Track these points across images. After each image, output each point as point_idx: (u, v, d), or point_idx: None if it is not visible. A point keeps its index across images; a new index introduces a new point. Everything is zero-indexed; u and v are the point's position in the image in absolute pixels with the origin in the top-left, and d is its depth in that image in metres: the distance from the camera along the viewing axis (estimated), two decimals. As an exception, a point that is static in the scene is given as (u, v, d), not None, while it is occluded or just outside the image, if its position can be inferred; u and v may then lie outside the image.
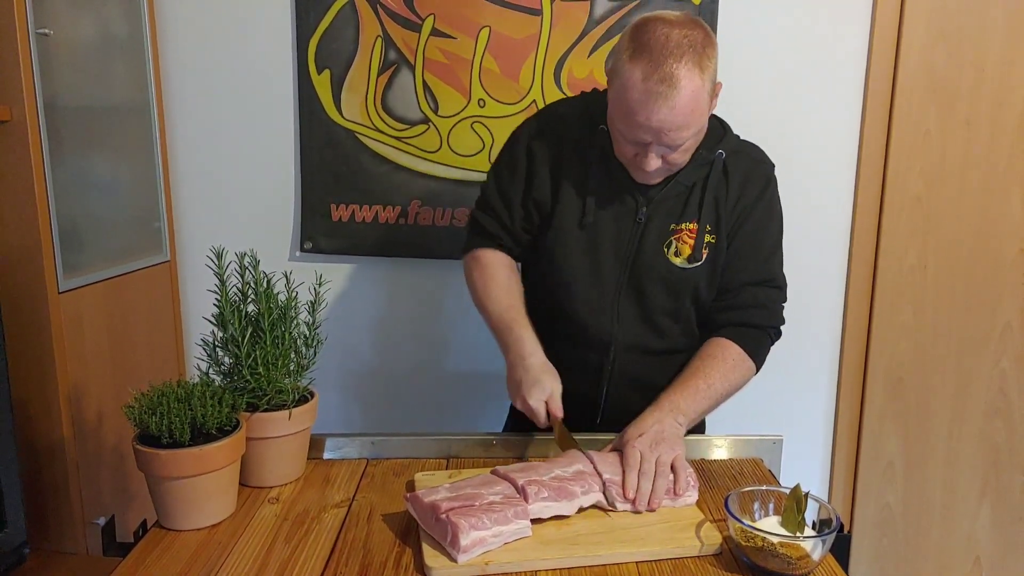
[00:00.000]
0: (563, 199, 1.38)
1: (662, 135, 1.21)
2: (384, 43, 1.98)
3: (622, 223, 1.37)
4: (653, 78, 1.16)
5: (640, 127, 1.21)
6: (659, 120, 1.18)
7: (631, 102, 1.19)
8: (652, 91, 1.17)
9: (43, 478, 1.60)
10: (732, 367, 1.35)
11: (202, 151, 2.10)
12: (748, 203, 1.38)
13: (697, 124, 1.22)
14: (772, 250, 1.42)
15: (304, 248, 2.09)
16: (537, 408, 1.27)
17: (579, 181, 1.38)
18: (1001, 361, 2.14)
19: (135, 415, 1.14)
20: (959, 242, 2.08)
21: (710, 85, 1.21)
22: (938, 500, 2.22)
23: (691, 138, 1.24)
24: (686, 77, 1.16)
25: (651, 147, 1.24)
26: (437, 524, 1.05)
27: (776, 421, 2.15)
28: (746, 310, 1.39)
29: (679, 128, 1.20)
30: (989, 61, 1.99)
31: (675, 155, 1.26)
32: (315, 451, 1.37)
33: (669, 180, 1.35)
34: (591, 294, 1.39)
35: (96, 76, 1.76)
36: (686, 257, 1.37)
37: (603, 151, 1.36)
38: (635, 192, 1.36)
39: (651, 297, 1.39)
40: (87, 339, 1.67)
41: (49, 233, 1.55)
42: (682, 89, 1.16)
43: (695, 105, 1.19)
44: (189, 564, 1.06)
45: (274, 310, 1.25)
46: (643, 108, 1.18)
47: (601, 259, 1.38)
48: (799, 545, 0.99)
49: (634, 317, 1.40)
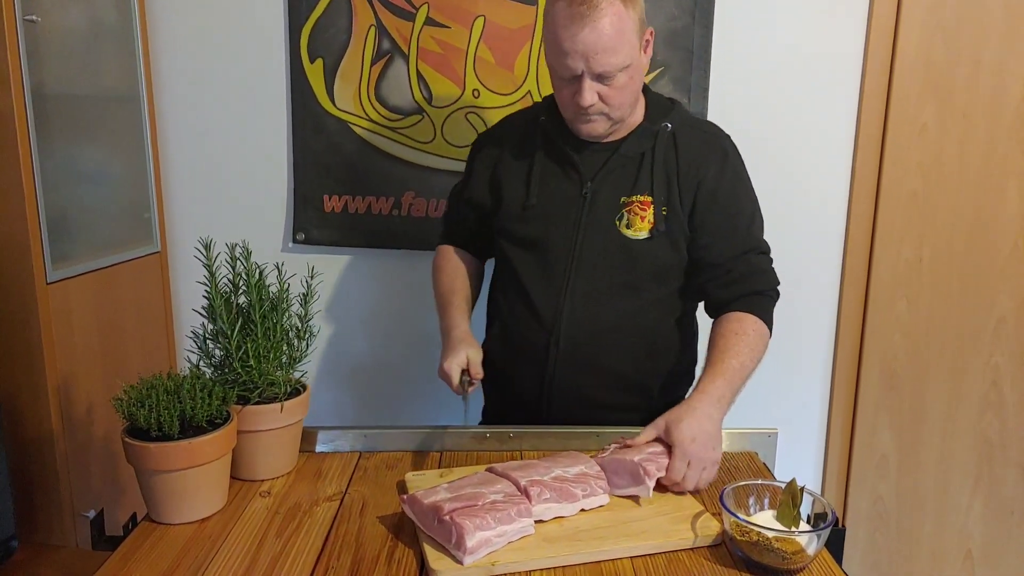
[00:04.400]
0: (507, 191, 1.46)
1: (590, 59, 1.26)
2: (378, 32, 1.96)
3: (568, 200, 1.42)
4: (574, 3, 1.24)
5: (568, 54, 1.26)
6: (584, 41, 1.24)
7: (557, 29, 1.26)
8: (574, 14, 1.24)
9: (32, 471, 1.59)
10: (755, 339, 1.36)
11: (193, 141, 2.08)
12: (711, 177, 1.40)
13: (624, 53, 1.27)
14: (751, 217, 1.45)
15: (296, 239, 2.08)
16: (449, 370, 1.33)
17: (523, 171, 1.46)
18: (995, 355, 2.14)
19: (124, 408, 1.13)
20: (955, 236, 2.08)
21: (635, 17, 1.28)
22: (931, 494, 2.23)
23: (622, 71, 1.28)
24: (606, 1, 1.24)
25: (583, 79, 1.28)
26: (439, 526, 1.03)
27: (770, 415, 2.14)
28: (747, 280, 1.40)
29: (605, 51, 1.25)
30: (986, 55, 1.98)
31: (609, 91, 1.30)
32: (307, 444, 1.36)
33: (613, 154, 1.40)
34: (540, 270, 1.43)
35: (85, 64, 1.74)
36: (639, 229, 1.39)
37: (546, 138, 1.45)
38: (579, 168, 1.41)
39: (604, 271, 1.40)
40: (76, 331, 1.66)
41: (37, 223, 1.54)
42: (603, 10, 1.23)
43: (619, 27, 1.25)
44: (179, 558, 1.05)
45: (265, 302, 1.24)
46: (567, 32, 1.25)
47: (548, 237, 1.42)
48: (794, 540, 0.99)
49: (585, 292, 1.41)
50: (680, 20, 1.92)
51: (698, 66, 1.94)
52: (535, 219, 1.43)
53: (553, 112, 1.44)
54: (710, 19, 1.92)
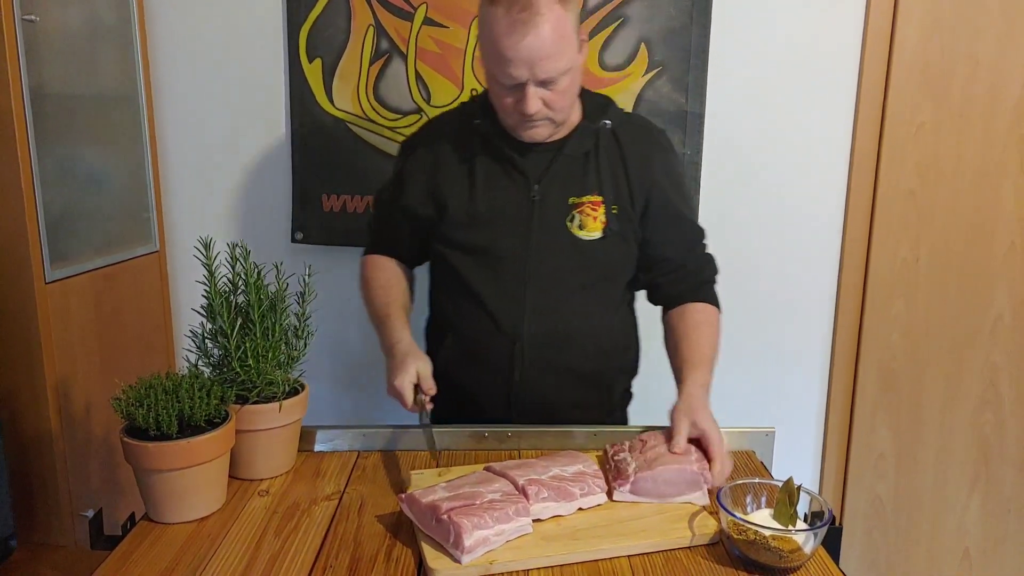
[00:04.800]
0: (450, 198, 1.41)
1: (534, 67, 1.23)
2: (376, 32, 1.96)
3: (516, 204, 1.39)
4: (514, 9, 1.20)
5: (511, 62, 1.23)
6: (527, 48, 1.21)
7: (498, 38, 1.23)
8: (515, 21, 1.20)
9: (30, 470, 1.59)
10: (717, 328, 1.43)
11: (192, 140, 2.08)
12: (654, 175, 1.41)
13: (566, 56, 1.25)
14: (690, 208, 1.50)
15: (295, 238, 2.08)
16: (401, 388, 1.27)
17: (463, 177, 1.41)
18: (992, 354, 2.14)
19: (122, 407, 1.13)
20: (952, 235, 2.08)
21: (573, 18, 1.26)
22: (928, 492, 2.23)
23: (565, 75, 1.26)
24: (546, 5, 1.20)
25: (528, 86, 1.26)
26: (438, 525, 1.04)
27: (768, 413, 2.15)
28: (700, 271, 1.46)
29: (549, 56, 1.22)
30: (983, 54, 1.98)
31: (553, 96, 1.28)
32: (305, 443, 1.36)
33: (557, 154, 1.38)
34: (494, 280, 1.41)
35: (84, 64, 1.74)
36: (591, 229, 1.38)
37: (484, 142, 1.40)
38: (524, 171, 1.39)
39: (559, 274, 1.40)
40: (75, 330, 1.66)
41: (36, 223, 1.54)
42: (543, 15, 1.20)
43: (561, 33, 1.22)
44: (178, 557, 1.05)
45: (264, 301, 1.24)
46: (510, 40, 1.21)
47: (500, 243, 1.39)
48: (791, 538, 0.99)
49: (542, 296, 1.40)
50: (678, 20, 1.92)
51: (696, 66, 1.94)
52: (483, 226, 1.40)
53: (490, 115, 1.39)
54: (708, 19, 1.93)
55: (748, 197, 2.05)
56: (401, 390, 1.27)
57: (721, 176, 2.03)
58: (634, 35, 1.93)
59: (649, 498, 1.15)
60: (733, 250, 2.07)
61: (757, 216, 2.06)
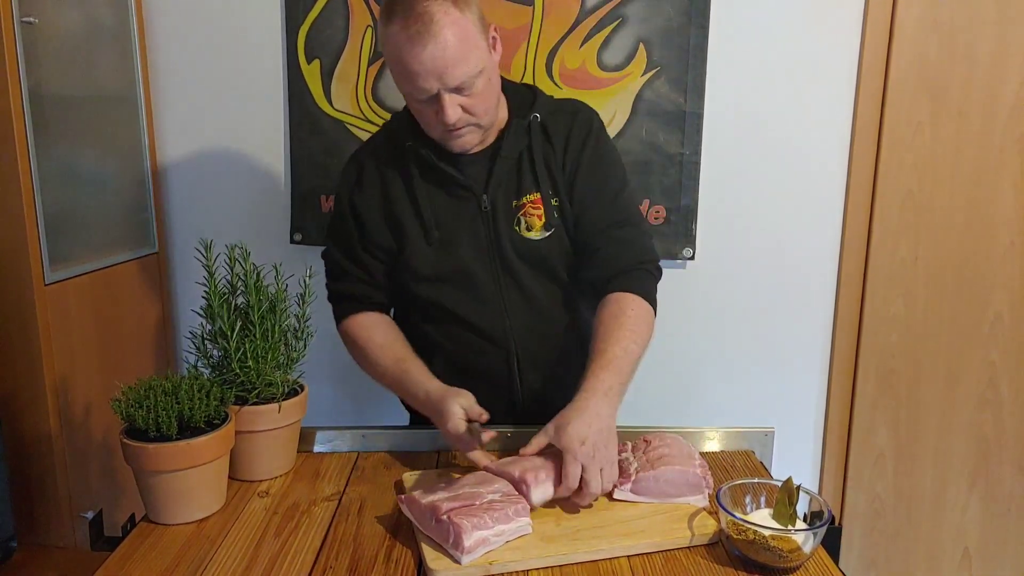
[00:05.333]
0: (405, 228, 1.38)
1: (443, 76, 1.20)
2: (375, 33, 1.96)
3: (470, 220, 1.37)
4: (410, 23, 1.18)
5: (419, 75, 1.21)
6: (431, 58, 1.19)
7: (401, 55, 1.20)
8: (413, 34, 1.18)
9: (30, 472, 1.59)
10: (635, 321, 1.29)
11: (191, 141, 2.08)
12: (575, 155, 1.37)
13: (474, 59, 1.22)
14: (617, 190, 1.39)
15: (294, 240, 2.08)
16: (456, 429, 1.20)
17: (411, 203, 1.37)
18: (991, 353, 2.14)
19: (122, 408, 1.13)
20: (950, 234, 2.09)
21: (474, 19, 1.22)
22: (928, 492, 2.23)
23: (477, 77, 1.23)
24: (440, 11, 1.18)
25: (442, 96, 1.23)
26: (437, 525, 1.04)
27: (767, 413, 2.15)
28: (615, 258, 1.35)
29: (455, 63, 1.20)
30: (981, 53, 1.98)
31: (471, 101, 1.25)
32: (305, 444, 1.36)
33: (495, 159, 1.35)
34: (472, 299, 1.39)
35: (82, 65, 1.74)
36: (538, 229, 1.37)
37: (420, 164, 1.37)
38: (470, 185, 1.36)
39: (527, 279, 1.39)
40: (74, 332, 1.66)
41: (35, 224, 1.54)
42: (439, 22, 1.18)
43: (462, 36, 1.20)
44: (178, 558, 1.05)
45: (264, 302, 1.24)
46: (411, 53, 1.19)
47: (465, 263, 1.37)
48: (791, 538, 0.99)
49: (522, 304, 1.40)
50: (676, 20, 1.92)
51: (694, 66, 1.94)
52: (445, 250, 1.37)
53: (418, 134, 1.36)
54: (706, 19, 1.93)
55: (747, 197, 2.06)
56: (456, 431, 1.20)
57: (720, 176, 2.03)
58: (632, 35, 1.93)
59: (650, 498, 1.16)
60: (732, 249, 2.08)
61: (756, 215, 2.07)
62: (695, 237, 2.03)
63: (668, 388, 2.13)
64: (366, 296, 1.43)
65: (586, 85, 1.96)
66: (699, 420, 1.64)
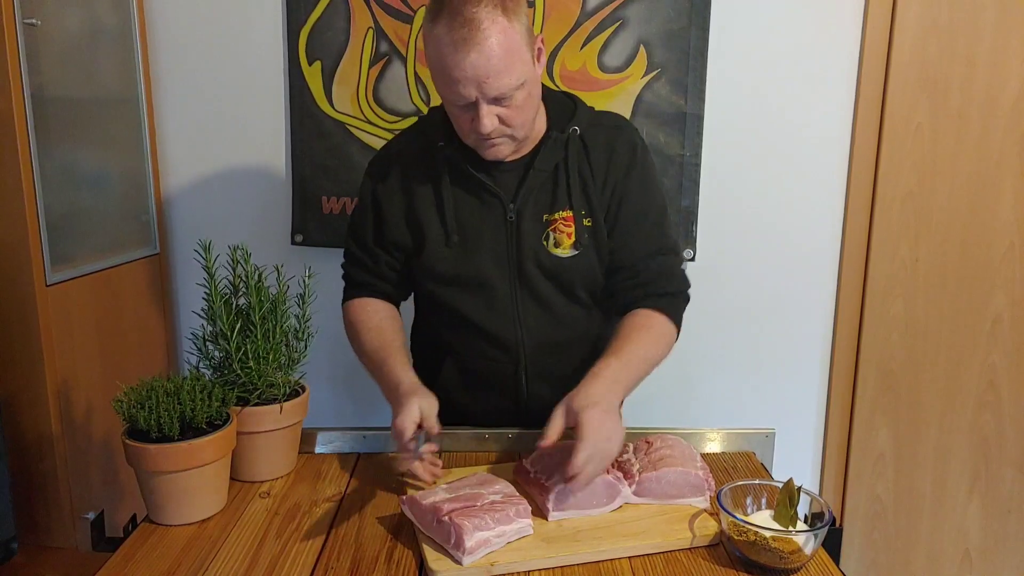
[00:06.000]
0: (425, 228, 1.36)
1: (483, 85, 1.17)
2: (376, 34, 1.96)
3: (493, 228, 1.34)
4: (455, 26, 1.14)
5: (459, 82, 1.17)
6: (473, 66, 1.15)
7: (443, 59, 1.17)
8: (458, 39, 1.14)
9: (32, 473, 1.59)
10: (659, 336, 1.31)
11: (192, 143, 2.08)
12: (619, 178, 1.34)
13: (517, 71, 1.18)
14: (659, 216, 1.38)
15: (295, 241, 2.08)
16: (403, 427, 1.15)
17: (435, 204, 1.35)
18: (991, 355, 2.15)
19: (124, 409, 1.13)
20: (950, 236, 2.09)
21: (522, 29, 1.18)
22: (928, 493, 2.23)
23: (518, 89, 1.20)
24: (488, 19, 1.14)
25: (480, 105, 1.19)
26: (439, 526, 1.04)
27: (768, 414, 2.15)
28: (654, 283, 1.35)
29: (497, 73, 1.16)
30: (981, 54, 1.99)
31: (509, 112, 1.22)
32: (306, 445, 1.37)
33: (528, 170, 1.32)
34: (486, 307, 1.37)
35: (84, 67, 1.74)
36: (567, 247, 1.34)
37: (450, 166, 1.34)
38: (498, 193, 1.33)
39: (546, 293, 1.37)
40: (75, 333, 1.66)
41: (36, 226, 1.54)
42: (486, 30, 1.14)
43: (508, 47, 1.16)
44: (179, 559, 1.05)
45: (265, 303, 1.24)
46: (454, 59, 1.15)
47: (483, 270, 1.35)
48: (792, 539, 0.99)
49: (536, 316, 1.38)
50: (677, 22, 1.92)
51: (694, 67, 1.95)
52: (464, 255, 1.35)
53: (452, 136, 1.33)
54: (706, 21, 1.93)
55: (747, 199, 2.06)
56: (403, 429, 1.15)
57: (720, 178, 2.03)
58: (633, 37, 1.93)
59: (651, 499, 1.16)
60: (733, 251, 2.09)
61: (756, 217, 2.07)
62: (696, 238, 2.04)
63: (669, 389, 2.13)
64: (372, 284, 1.43)
65: (587, 87, 1.96)
66: (700, 421, 1.65)
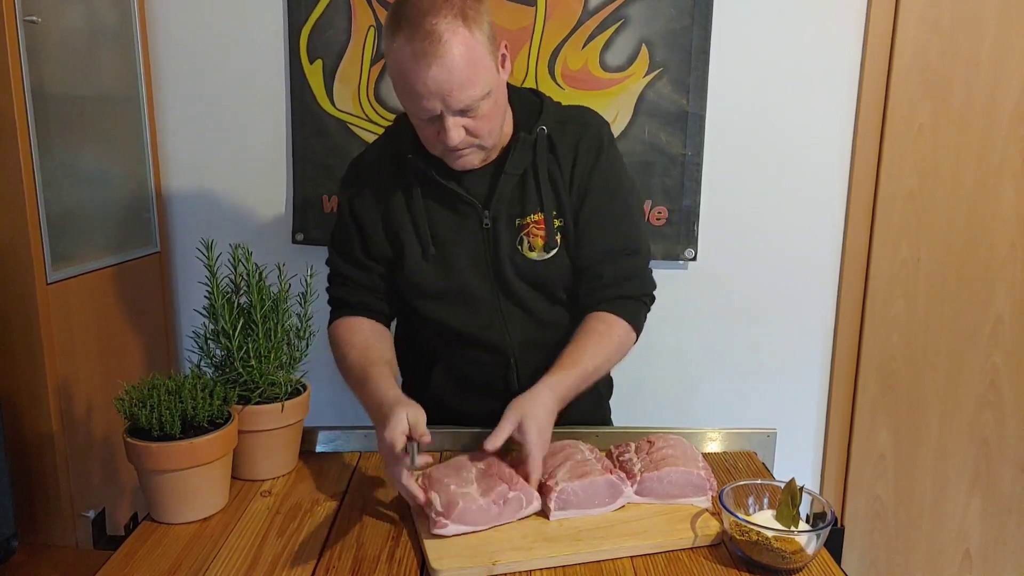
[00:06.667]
0: (404, 240, 1.34)
1: (447, 98, 1.14)
2: (377, 33, 1.96)
3: (470, 236, 1.33)
4: (416, 40, 1.11)
5: (422, 96, 1.15)
6: (435, 79, 1.12)
7: (406, 73, 1.14)
8: (419, 53, 1.11)
9: (32, 471, 1.59)
10: (617, 345, 1.31)
11: (193, 141, 2.08)
12: (584, 176, 1.32)
13: (481, 81, 1.16)
14: (623, 215, 1.35)
15: (296, 239, 2.08)
16: (392, 439, 1.09)
17: (410, 217, 1.34)
18: (992, 355, 2.14)
19: (125, 407, 1.13)
20: (952, 236, 2.09)
21: (483, 38, 1.15)
22: (929, 493, 2.23)
23: (484, 100, 1.18)
24: (448, 30, 1.11)
25: (445, 118, 1.17)
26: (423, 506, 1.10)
27: (769, 414, 2.15)
28: (617, 285, 1.34)
29: (461, 86, 1.14)
30: (983, 55, 1.98)
31: (476, 123, 1.20)
32: (307, 444, 1.36)
33: (499, 175, 1.31)
34: (471, 315, 1.36)
35: (85, 65, 1.74)
36: (540, 249, 1.33)
37: (421, 177, 1.32)
38: (472, 201, 1.31)
39: (526, 297, 1.36)
40: (76, 331, 1.66)
41: (37, 224, 1.54)
42: (447, 42, 1.11)
43: (470, 58, 1.13)
44: (180, 558, 1.05)
45: (266, 302, 1.24)
46: (416, 73, 1.13)
47: (464, 281, 1.34)
48: (794, 539, 0.99)
49: (521, 319, 1.37)
50: (679, 21, 1.92)
51: (696, 67, 1.94)
52: (443, 267, 1.34)
53: (420, 147, 1.30)
54: (709, 20, 1.93)
55: (749, 198, 2.06)
56: (391, 439, 1.09)
57: (722, 177, 2.03)
58: (635, 36, 1.93)
59: (653, 499, 1.16)
60: (734, 251, 2.08)
61: (758, 217, 2.07)
62: (697, 238, 2.03)
63: (670, 389, 2.13)
64: (362, 303, 1.39)
65: (588, 86, 1.96)
66: (701, 421, 1.64)
